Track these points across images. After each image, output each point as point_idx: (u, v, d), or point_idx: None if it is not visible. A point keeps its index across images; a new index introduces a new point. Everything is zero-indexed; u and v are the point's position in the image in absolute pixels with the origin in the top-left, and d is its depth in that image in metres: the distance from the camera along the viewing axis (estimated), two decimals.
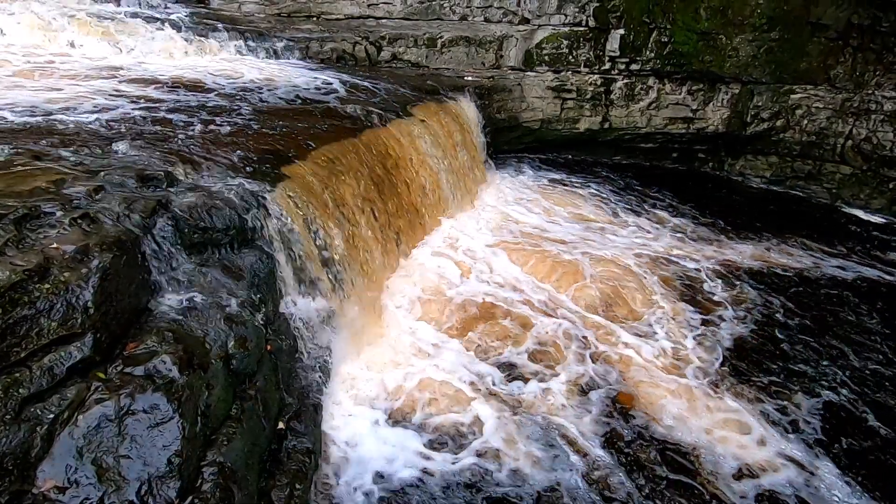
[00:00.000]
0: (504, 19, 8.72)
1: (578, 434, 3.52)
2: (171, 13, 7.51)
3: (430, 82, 7.40)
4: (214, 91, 5.27)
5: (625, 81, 8.57)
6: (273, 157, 3.89)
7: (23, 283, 1.93)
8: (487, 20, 8.80)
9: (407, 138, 5.61)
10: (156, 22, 6.94)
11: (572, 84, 8.51)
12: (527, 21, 8.59)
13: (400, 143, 5.45)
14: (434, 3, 8.82)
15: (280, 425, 2.80)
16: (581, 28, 8.35)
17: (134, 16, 6.99)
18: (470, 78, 8.07)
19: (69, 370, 1.98)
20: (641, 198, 7.86)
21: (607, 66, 8.49)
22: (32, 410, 1.85)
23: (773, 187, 8.85)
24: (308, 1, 8.91)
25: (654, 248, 6.23)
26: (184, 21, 7.24)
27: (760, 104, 8.39)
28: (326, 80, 6.40)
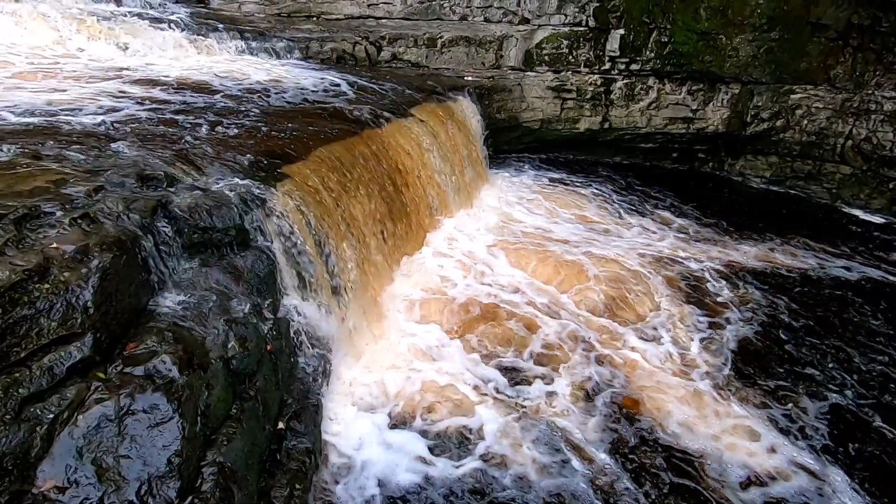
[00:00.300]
0: (504, 19, 8.72)
1: (584, 439, 3.47)
2: (172, 13, 7.51)
3: (430, 82, 7.40)
4: (219, 92, 5.25)
5: (625, 81, 8.57)
6: (274, 158, 3.89)
7: (23, 283, 1.93)
8: (487, 20, 8.81)
9: (408, 139, 5.61)
10: (156, 22, 6.94)
11: (572, 84, 8.51)
12: (527, 21, 8.60)
13: (401, 144, 5.45)
14: (434, 3, 8.82)
15: (280, 425, 2.80)
16: (581, 28, 8.35)
17: (134, 15, 7.00)
18: (470, 78, 8.07)
19: (69, 370, 1.98)
20: (643, 198, 7.85)
21: (607, 66, 8.49)
22: (32, 410, 1.85)
23: (773, 187, 8.85)
24: (308, 1, 8.91)
25: (658, 249, 6.20)
26: (185, 21, 7.24)
27: (760, 104, 8.39)
28: (334, 82, 6.40)
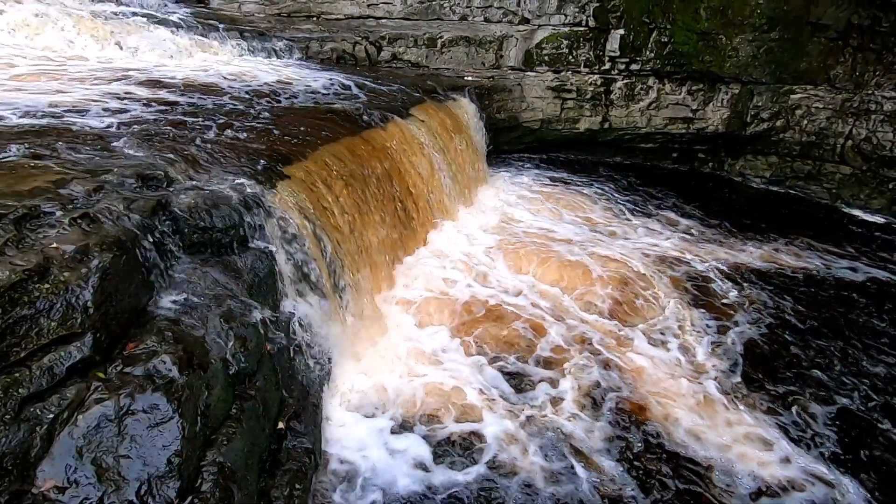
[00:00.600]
0: (504, 19, 8.72)
1: (590, 446, 3.41)
2: (172, 13, 7.51)
3: (430, 82, 7.40)
4: (219, 92, 5.24)
5: (625, 81, 8.57)
6: (273, 158, 3.89)
7: (22, 283, 1.93)
8: (487, 20, 8.81)
9: (408, 139, 5.61)
10: (157, 22, 6.94)
11: (572, 84, 8.51)
12: (527, 21, 8.60)
13: (401, 144, 5.45)
14: (434, 3, 8.82)
15: (280, 425, 2.80)
16: (581, 28, 8.36)
17: (134, 15, 7.00)
18: (470, 78, 8.07)
19: (69, 370, 1.98)
20: (645, 198, 7.83)
21: (607, 66, 8.49)
22: (32, 410, 1.85)
23: (773, 187, 8.85)
24: (308, 1, 8.91)
25: (663, 249, 6.16)
26: (185, 21, 7.24)
27: (760, 104, 8.39)
28: (335, 81, 6.40)
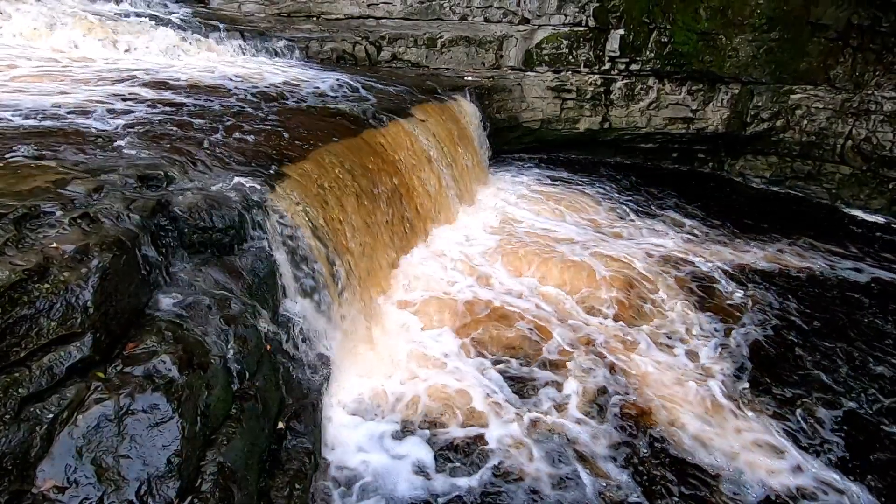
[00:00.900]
0: (504, 19, 8.72)
1: (596, 452, 3.37)
2: (172, 13, 7.51)
3: (430, 82, 7.40)
4: (221, 92, 5.24)
5: (625, 81, 8.57)
6: (273, 157, 3.89)
7: (22, 283, 1.93)
8: (487, 20, 8.81)
9: (409, 139, 5.61)
10: (157, 22, 6.94)
11: (572, 84, 8.51)
12: (527, 21, 8.60)
13: (402, 144, 5.45)
14: (434, 3, 8.82)
15: (280, 425, 2.80)
16: (581, 28, 8.36)
17: (135, 15, 7.00)
18: (470, 78, 8.07)
19: (69, 370, 1.98)
20: (646, 198, 7.81)
21: (607, 66, 8.49)
22: (32, 410, 1.85)
23: (773, 188, 8.85)
24: (308, 1, 8.91)
25: (666, 250, 6.12)
26: (186, 21, 7.24)
27: (760, 104, 8.39)
28: (336, 80, 6.41)
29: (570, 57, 8.43)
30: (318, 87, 6.10)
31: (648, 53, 8.27)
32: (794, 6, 7.78)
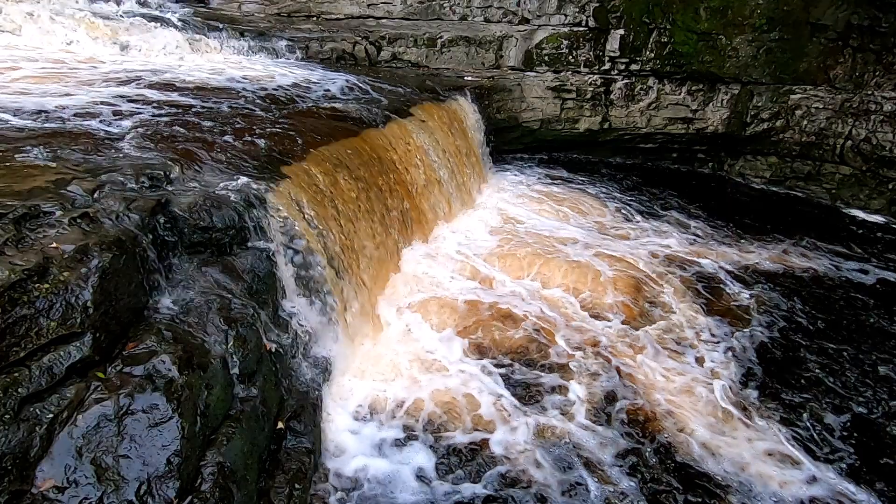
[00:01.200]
0: (504, 19, 8.72)
1: (601, 459, 3.29)
2: (173, 13, 7.51)
3: (430, 82, 7.40)
4: (221, 91, 5.23)
5: (624, 82, 8.57)
6: (273, 157, 3.89)
7: (22, 283, 1.93)
8: (487, 20, 8.81)
9: (409, 139, 5.61)
10: (158, 22, 6.95)
11: (572, 84, 8.51)
12: (527, 21, 8.60)
13: (402, 144, 5.45)
14: (434, 3, 8.82)
15: (279, 425, 2.80)
16: (581, 28, 8.36)
17: (135, 15, 7.00)
18: (470, 78, 8.07)
19: (68, 370, 1.98)
20: (649, 198, 7.79)
21: (607, 67, 8.49)
22: (31, 410, 1.85)
23: (773, 188, 8.84)
24: (308, 1, 8.91)
25: (671, 251, 6.06)
26: (186, 21, 7.24)
27: (760, 105, 8.39)
28: (362, 88, 6.40)
29: (570, 57, 8.43)
30: (329, 90, 6.05)
31: (648, 54, 8.27)
32: (794, 6, 7.78)
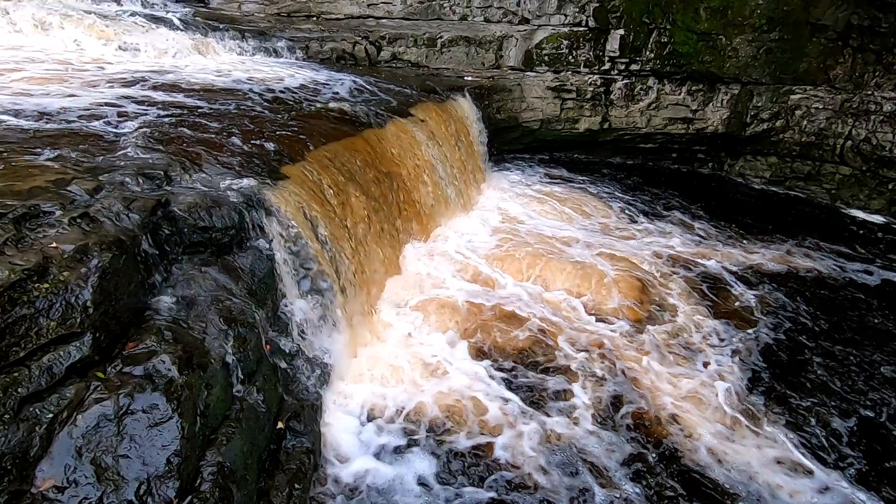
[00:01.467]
0: (504, 19, 8.72)
1: (606, 465, 3.24)
2: (173, 13, 7.51)
3: (430, 82, 7.40)
4: (221, 91, 5.22)
5: (624, 82, 8.57)
6: (273, 157, 3.89)
7: (22, 283, 1.92)
8: (487, 20, 8.81)
9: (409, 139, 5.61)
10: (158, 22, 6.95)
11: (572, 84, 8.51)
12: (527, 21, 8.60)
13: (402, 144, 5.45)
14: (434, 3, 8.82)
15: (279, 425, 2.80)
16: (581, 28, 8.36)
17: (136, 15, 7.00)
18: (470, 78, 8.07)
19: (68, 370, 1.98)
20: (651, 198, 7.78)
21: (607, 67, 8.49)
22: (31, 410, 1.85)
23: (773, 188, 8.84)
24: (308, 1, 8.91)
25: (675, 251, 6.02)
26: (186, 21, 7.24)
27: (760, 105, 8.39)
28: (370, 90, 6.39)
29: (570, 57, 8.43)
30: (339, 92, 6.03)
31: (648, 54, 8.27)
32: (794, 6, 7.78)
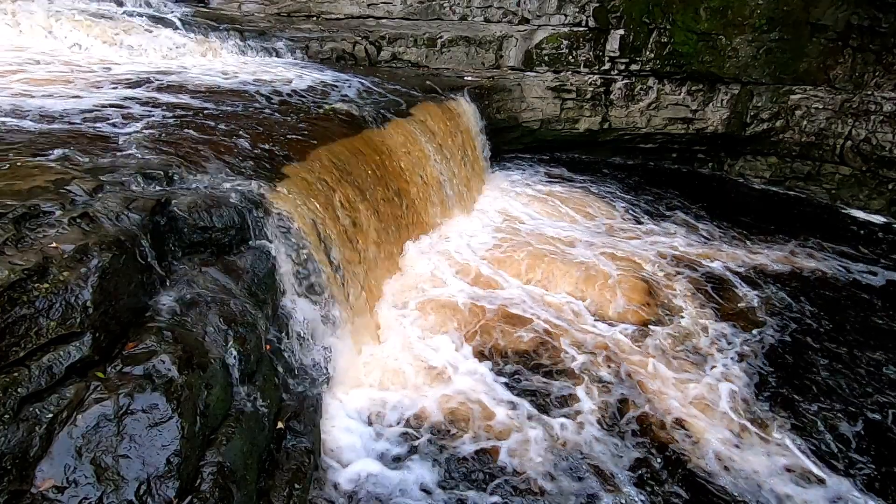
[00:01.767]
0: (504, 19, 8.72)
1: (612, 471, 3.21)
2: (173, 13, 7.51)
3: (430, 82, 7.40)
4: (222, 90, 5.22)
5: (624, 82, 8.57)
6: (272, 157, 3.88)
7: (22, 283, 1.92)
8: (487, 20, 8.81)
9: (409, 139, 5.61)
10: (159, 22, 6.95)
11: (572, 84, 8.51)
12: (527, 21, 8.60)
13: (402, 144, 5.44)
14: (434, 3, 8.82)
15: (279, 425, 2.80)
16: (581, 28, 8.36)
17: (136, 15, 7.00)
18: (470, 78, 8.07)
19: (68, 370, 1.98)
20: (652, 198, 7.78)
21: (607, 67, 8.49)
22: (31, 410, 1.85)
23: (773, 188, 8.85)
24: (308, 1, 8.91)
25: (678, 252, 5.99)
26: (187, 21, 7.24)
27: (760, 105, 8.39)
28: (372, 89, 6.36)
29: (570, 57, 8.43)
30: (347, 95, 6.00)
31: (648, 54, 8.27)
32: (794, 6, 7.78)
